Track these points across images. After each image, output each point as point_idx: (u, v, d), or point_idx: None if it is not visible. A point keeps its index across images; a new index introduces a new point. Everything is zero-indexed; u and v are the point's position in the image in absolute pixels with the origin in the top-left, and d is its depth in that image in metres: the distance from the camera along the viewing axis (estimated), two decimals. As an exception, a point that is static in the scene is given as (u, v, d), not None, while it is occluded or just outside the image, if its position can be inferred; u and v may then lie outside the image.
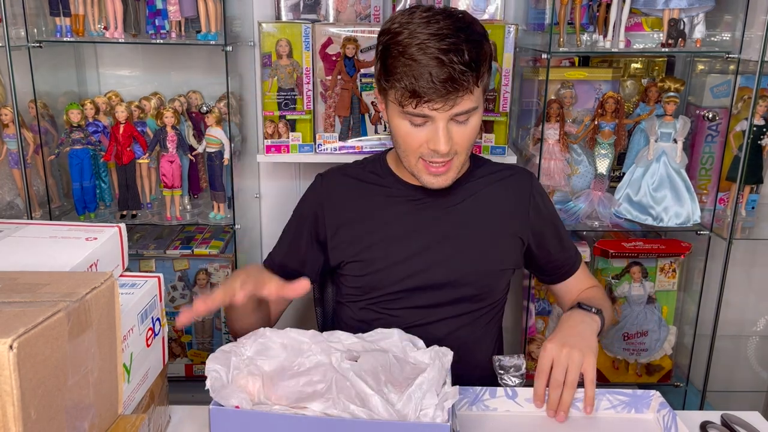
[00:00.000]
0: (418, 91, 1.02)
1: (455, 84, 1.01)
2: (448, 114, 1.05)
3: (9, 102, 1.51)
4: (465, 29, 1.04)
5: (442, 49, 1.00)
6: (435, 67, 1.00)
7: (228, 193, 1.68)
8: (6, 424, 0.58)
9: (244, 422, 0.83)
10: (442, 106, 1.03)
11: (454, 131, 1.07)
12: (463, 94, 1.03)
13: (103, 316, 0.73)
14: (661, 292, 1.76)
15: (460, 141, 1.09)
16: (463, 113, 1.06)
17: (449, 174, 1.13)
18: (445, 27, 1.02)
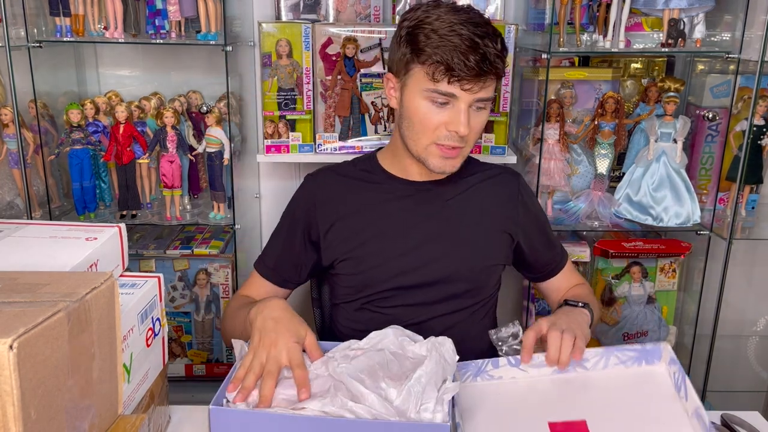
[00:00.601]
0: (453, 67, 1.05)
1: (488, 66, 1.06)
2: (473, 97, 1.08)
3: (9, 102, 1.51)
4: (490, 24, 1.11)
5: (476, 33, 1.05)
6: (470, 47, 1.04)
7: (228, 193, 1.68)
8: (6, 424, 0.58)
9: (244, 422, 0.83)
10: (471, 87, 1.07)
11: (472, 117, 1.11)
12: (491, 80, 1.09)
13: (103, 316, 0.73)
14: (661, 292, 1.76)
15: (474, 128, 1.12)
16: (484, 100, 1.10)
17: (457, 161, 1.16)
18: (474, 17, 1.08)
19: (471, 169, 1.27)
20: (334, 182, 1.26)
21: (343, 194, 1.24)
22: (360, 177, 1.26)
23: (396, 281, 1.20)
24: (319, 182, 1.27)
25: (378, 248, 1.20)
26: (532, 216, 1.30)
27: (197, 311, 1.80)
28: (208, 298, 1.79)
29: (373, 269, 1.21)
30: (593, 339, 1.78)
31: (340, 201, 1.24)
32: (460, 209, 1.23)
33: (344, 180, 1.26)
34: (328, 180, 1.27)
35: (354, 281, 1.23)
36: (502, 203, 1.26)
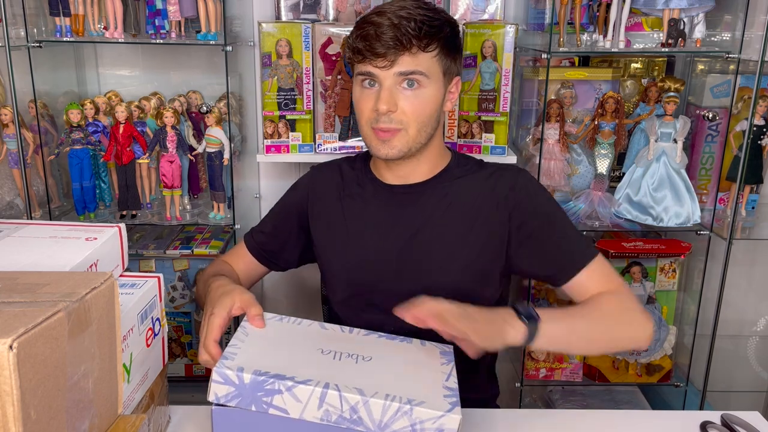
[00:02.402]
0: (362, 47, 1.08)
1: (396, 41, 1.06)
2: (391, 73, 1.08)
3: (9, 102, 1.51)
4: (428, 9, 1.10)
5: (397, 15, 1.07)
6: (384, 26, 1.06)
7: (228, 193, 1.68)
8: (6, 424, 0.58)
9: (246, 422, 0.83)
10: (384, 63, 1.07)
11: (401, 97, 1.10)
12: (403, 53, 1.07)
13: (103, 316, 0.73)
14: (661, 292, 1.76)
15: (408, 109, 1.10)
16: (406, 74, 1.08)
17: (396, 144, 1.11)
18: (409, 5, 1.09)
19: (462, 171, 1.21)
20: (332, 180, 1.27)
21: (336, 194, 1.25)
22: (352, 178, 1.26)
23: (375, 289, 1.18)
24: (321, 177, 1.29)
25: (356, 255, 1.20)
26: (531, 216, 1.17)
27: (197, 311, 1.80)
28: (208, 298, 1.79)
29: (352, 275, 1.21)
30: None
31: (331, 201, 1.25)
32: (438, 215, 1.18)
33: (340, 180, 1.26)
34: (328, 176, 1.28)
35: (338, 283, 1.24)
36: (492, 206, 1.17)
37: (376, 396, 0.80)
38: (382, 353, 0.94)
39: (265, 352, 0.88)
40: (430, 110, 1.12)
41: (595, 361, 1.79)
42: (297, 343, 0.93)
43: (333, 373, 0.84)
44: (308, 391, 0.80)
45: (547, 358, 1.78)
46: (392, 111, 1.09)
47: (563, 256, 1.17)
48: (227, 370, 0.80)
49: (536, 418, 1.11)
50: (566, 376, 1.81)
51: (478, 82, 1.62)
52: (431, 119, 1.13)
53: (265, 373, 0.81)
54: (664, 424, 1.06)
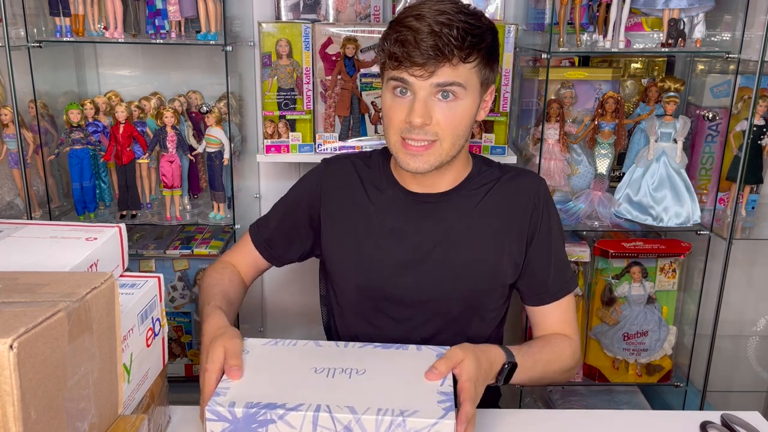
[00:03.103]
0: (399, 53, 1.01)
1: (436, 50, 1.00)
2: (428, 83, 1.02)
3: (9, 102, 1.51)
4: (468, 14, 1.03)
5: (437, 21, 1.00)
6: (424, 33, 1.00)
7: (228, 193, 1.68)
8: (6, 424, 0.58)
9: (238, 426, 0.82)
10: (421, 72, 1.01)
11: (437, 109, 1.04)
12: (444, 64, 1.01)
13: (103, 316, 0.73)
14: (661, 292, 1.76)
15: (443, 122, 1.05)
16: (444, 85, 1.02)
17: (428, 159, 1.07)
18: (449, 9, 1.02)
19: (482, 179, 1.18)
20: (346, 176, 1.22)
21: (353, 195, 1.21)
22: (368, 178, 1.21)
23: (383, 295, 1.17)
24: (335, 174, 1.24)
25: (370, 261, 1.17)
26: (544, 227, 1.17)
27: (197, 311, 1.79)
28: (208, 298, 1.79)
29: (364, 281, 1.18)
30: (593, 340, 1.78)
31: (347, 200, 1.21)
32: (460, 227, 1.15)
33: (355, 177, 1.21)
34: (341, 172, 1.23)
35: (346, 286, 1.21)
36: (514, 216, 1.15)
37: (368, 413, 0.80)
38: (377, 364, 0.93)
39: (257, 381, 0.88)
40: (466, 123, 1.08)
41: (595, 361, 1.80)
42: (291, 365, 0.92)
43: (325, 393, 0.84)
44: (300, 416, 0.79)
45: (547, 358, 1.78)
46: (427, 124, 1.04)
47: (544, 281, 1.18)
48: (219, 407, 0.81)
49: (536, 418, 1.11)
50: (566, 376, 1.81)
51: (478, 82, 1.62)
52: (466, 132, 1.09)
53: (257, 404, 0.81)
54: (664, 424, 1.06)
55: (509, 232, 1.16)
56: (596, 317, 1.77)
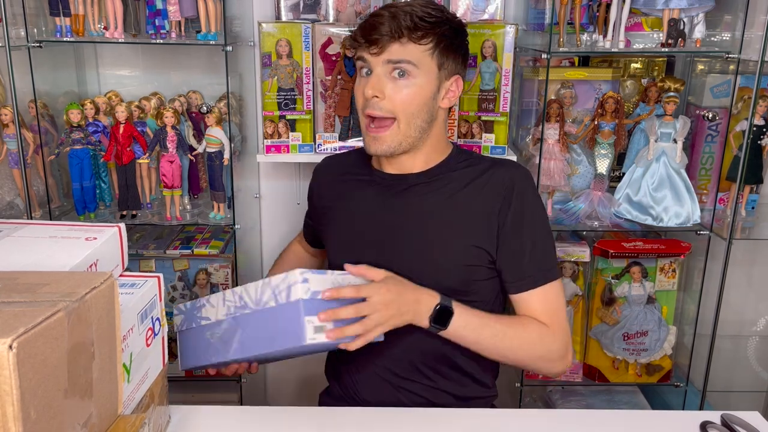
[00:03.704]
0: (358, 34, 1.13)
1: (388, 30, 1.10)
2: (381, 59, 1.12)
3: (9, 102, 1.51)
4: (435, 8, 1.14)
5: (401, 9, 1.11)
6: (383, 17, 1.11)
7: (228, 193, 1.68)
8: (6, 424, 0.58)
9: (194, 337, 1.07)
10: (375, 50, 1.11)
11: (390, 85, 1.12)
12: (394, 42, 1.10)
13: (103, 316, 0.73)
14: (661, 292, 1.76)
15: (396, 98, 1.12)
16: (394, 62, 1.11)
17: (387, 140, 1.14)
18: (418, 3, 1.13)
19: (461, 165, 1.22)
20: (331, 170, 1.35)
21: (334, 183, 1.32)
22: (353, 164, 1.31)
23: None
24: (322, 167, 1.39)
25: (347, 240, 1.26)
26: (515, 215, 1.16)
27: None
28: (208, 298, 1.79)
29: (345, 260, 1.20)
30: (593, 340, 1.78)
31: (330, 188, 1.32)
32: (428, 208, 1.19)
33: (339, 168, 1.32)
34: (328, 168, 1.37)
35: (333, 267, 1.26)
36: (485, 203, 1.17)
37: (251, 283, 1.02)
38: None
39: None
40: (420, 101, 1.14)
41: (595, 361, 1.80)
42: None
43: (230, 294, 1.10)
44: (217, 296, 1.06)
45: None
46: (378, 97, 1.12)
47: (524, 268, 1.17)
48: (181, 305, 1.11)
49: (536, 418, 1.11)
50: (566, 376, 1.81)
51: (478, 82, 1.62)
52: (420, 111, 1.15)
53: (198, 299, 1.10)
54: (664, 424, 1.07)
55: (476, 217, 1.17)
56: (596, 317, 1.77)
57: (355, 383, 1.26)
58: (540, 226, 1.20)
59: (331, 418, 1.08)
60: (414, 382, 1.21)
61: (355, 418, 1.07)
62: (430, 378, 1.21)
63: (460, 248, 1.17)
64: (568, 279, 1.73)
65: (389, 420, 1.06)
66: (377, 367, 1.22)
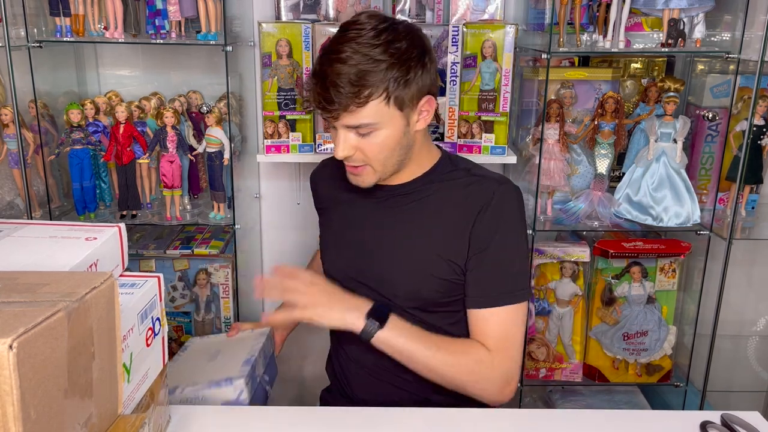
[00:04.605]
0: (312, 98, 1.11)
1: (331, 102, 1.06)
2: (339, 124, 1.10)
3: (9, 102, 1.51)
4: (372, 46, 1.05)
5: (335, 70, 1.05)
6: (325, 83, 1.06)
7: (228, 193, 1.68)
8: (6, 424, 0.58)
9: None
10: (328, 116, 1.10)
11: (357, 142, 1.11)
12: (339, 111, 1.07)
13: (103, 316, 0.73)
14: (661, 292, 1.76)
15: (366, 151, 1.11)
16: (352, 127, 1.09)
17: (365, 178, 1.16)
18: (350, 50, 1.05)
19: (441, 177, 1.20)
20: (326, 172, 1.36)
21: (328, 186, 1.33)
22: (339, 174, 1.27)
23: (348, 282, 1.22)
24: (318, 170, 1.40)
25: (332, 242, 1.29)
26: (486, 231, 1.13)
27: (197, 311, 1.80)
28: (208, 298, 1.79)
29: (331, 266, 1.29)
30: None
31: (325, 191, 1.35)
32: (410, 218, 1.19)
33: (332, 172, 1.32)
34: (323, 169, 1.38)
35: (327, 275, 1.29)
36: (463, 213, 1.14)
37: None
38: None
39: None
40: (390, 147, 1.12)
41: (595, 361, 1.80)
42: None
43: None
44: None
45: (547, 359, 1.79)
46: (350, 156, 1.12)
47: (484, 285, 1.14)
48: None
49: (536, 418, 1.11)
50: (566, 376, 1.81)
51: (478, 82, 1.62)
52: (394, 152, 1.13)
53: None
54: (664, 424, 1.07)
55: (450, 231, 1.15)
56: (596, 317, 1.77)
57: (350, 381, 1.28)
58: (511, 246, 1.15)
59: (331, 418, 1.08)
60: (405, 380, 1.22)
61: (355, 418, 1.07)
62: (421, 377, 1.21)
63: (434, 261, 1.16)
64: (568, 279, 1.73)
65: (389, 420, 1.06)
66: (370, 365, 1.23)
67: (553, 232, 1.75)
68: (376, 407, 1.11)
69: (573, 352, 1.79)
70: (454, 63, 1.62)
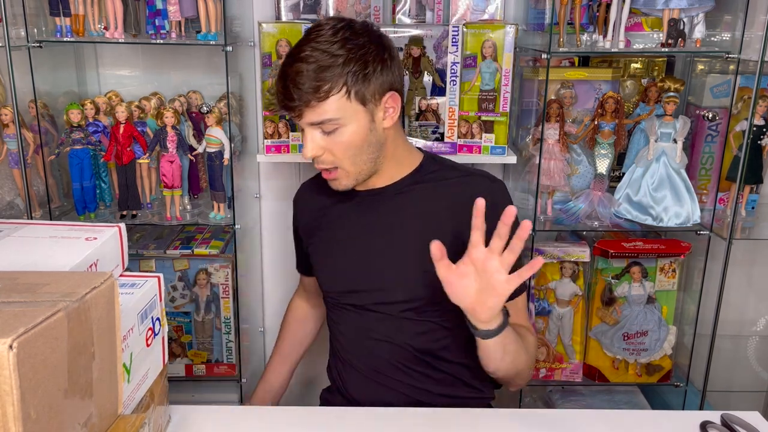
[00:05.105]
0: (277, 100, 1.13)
1: (293, 100, 1.08)
2: (304, 122, 1.11)
3: (9, 102, 1.51)
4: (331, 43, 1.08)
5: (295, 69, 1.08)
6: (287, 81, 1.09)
7: (228, 193, 1.68)
8: (6, 424, 0.58)
9: None
10: (293, 114, 1.11)
11: (325, 141, 1.12)
12: (303, 107, 1.08)
13: (103, 316, 0.73)
14: (661, 292, 1.76)
15: (335, 152, 1.12)
16: (315, 123, 1.10)
17: (341, 181, 1.17)
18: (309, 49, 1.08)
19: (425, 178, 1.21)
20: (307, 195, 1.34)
21: (313, 207, 1.31)
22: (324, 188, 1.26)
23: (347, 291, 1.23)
24: (299, 194, 1.37)
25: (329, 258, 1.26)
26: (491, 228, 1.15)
27: (197, 311, 1.80)
28: (209, 298, 1.79)
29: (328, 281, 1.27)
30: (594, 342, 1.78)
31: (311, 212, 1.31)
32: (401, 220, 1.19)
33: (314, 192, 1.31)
34: (304, 192, 1.36)
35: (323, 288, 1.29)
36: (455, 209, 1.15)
37: None
38: None
39: None
40: (357, 143, 1.12)
41: (595, 361, 1.80)
42: None
43: None
44: None
45: (547, 359, 1.79)
46: (318, 155, 1.12)
47: None
48: None
49: (536, 418, 1.11)
50: (566, 376, 1.81)
51: (478, 82, 1.62)
52: (362, 149, 1.13)
53: None
54: (664, 424, 1.07)
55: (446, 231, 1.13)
56: (596, 317, 1.77)
57: (345, 381, 1.29)
58: None
59: (331, 418, 1.08)
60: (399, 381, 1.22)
61: (355, 418, 1.08)
62: (415, 378, 1.22)
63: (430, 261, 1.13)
64: (568, 279, 1.73)
65: (389, 420, 1.06)
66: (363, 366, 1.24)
67: (553, 232, 1.75)
68: (376, 407, 1.11)
69: (573, 352, 1.79)
70: (454, 63, 1.62)
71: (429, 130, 1.67)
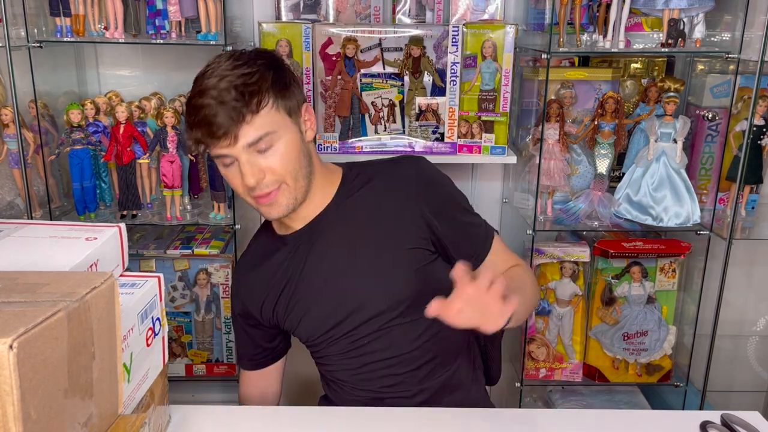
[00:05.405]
0: (200, 136, 1.04)
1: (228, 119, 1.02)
2: (239, 148, 1.04)
3: (9, 102, 1.51)
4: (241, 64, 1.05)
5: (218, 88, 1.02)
6: (212, 106, 1.02)
7: (228, 193, 1.68)
8: (6, 424, 0.58)
9: None
10: (228, 142, 1.03)
11: (262, 162, 1.06)
12: (241, 125, 1.02)
13: (103, 316, 0.73)
14: (661, 292, 1.76)
15: (275, 168, 1.07)
16: (254, 142, 1.04)
17: (281, 201, 1.10)
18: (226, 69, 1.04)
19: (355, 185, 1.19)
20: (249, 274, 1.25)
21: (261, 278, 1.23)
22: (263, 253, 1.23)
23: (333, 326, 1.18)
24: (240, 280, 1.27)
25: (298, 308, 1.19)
26: (439, 201, 1.18)
27: (197, 311, 1.80)
28: (209, 298, 1.79)
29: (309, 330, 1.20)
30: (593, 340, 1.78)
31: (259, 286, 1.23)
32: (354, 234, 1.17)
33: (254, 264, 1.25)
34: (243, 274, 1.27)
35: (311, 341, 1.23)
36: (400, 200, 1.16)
37: None
38: None
39: None
40: (295, 155, 1.09)
41: (595, 361, 1.80)
42: None
43: None
44: None
45: (547, 359, 1.79)
46: (262, 179, 1.07)
47: (475, 240, 1.22)
48: None
49: (536, 418, 1.11)
50: (566, 376, 1.81)
51: (478, 82, 1.62)
52: (300, 163, 1.11)
53: None
54: (664, 424, 1.07)
55: (399, 223, 1.15)
56: (596, 317, 1.77)
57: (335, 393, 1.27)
58: (465, 202, 1.24)
59: (331, 418, 1.08)
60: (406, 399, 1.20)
61: (355, 418, 1.08)
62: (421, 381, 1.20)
63: (400, 258, 1.15)
64: (568, 279, 1.73)
65: (389, 420, 1.06)
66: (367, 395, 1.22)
67: (553, 232, 1.76)
68: (376, 407, 1.11)
69: (573, 352, 1.79)
70: (454, 63, 1.62)
71: (429, 130, 1.67)
